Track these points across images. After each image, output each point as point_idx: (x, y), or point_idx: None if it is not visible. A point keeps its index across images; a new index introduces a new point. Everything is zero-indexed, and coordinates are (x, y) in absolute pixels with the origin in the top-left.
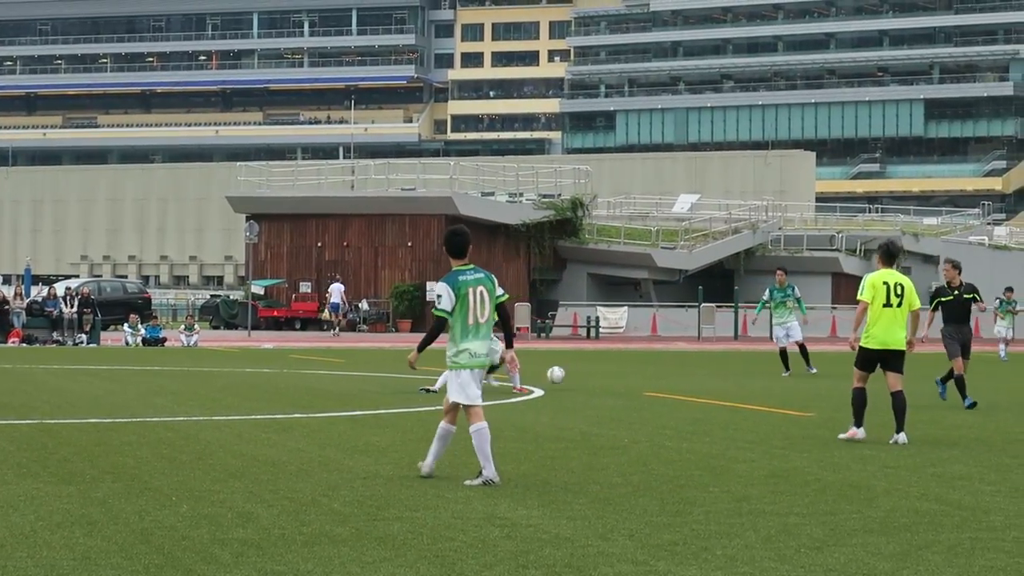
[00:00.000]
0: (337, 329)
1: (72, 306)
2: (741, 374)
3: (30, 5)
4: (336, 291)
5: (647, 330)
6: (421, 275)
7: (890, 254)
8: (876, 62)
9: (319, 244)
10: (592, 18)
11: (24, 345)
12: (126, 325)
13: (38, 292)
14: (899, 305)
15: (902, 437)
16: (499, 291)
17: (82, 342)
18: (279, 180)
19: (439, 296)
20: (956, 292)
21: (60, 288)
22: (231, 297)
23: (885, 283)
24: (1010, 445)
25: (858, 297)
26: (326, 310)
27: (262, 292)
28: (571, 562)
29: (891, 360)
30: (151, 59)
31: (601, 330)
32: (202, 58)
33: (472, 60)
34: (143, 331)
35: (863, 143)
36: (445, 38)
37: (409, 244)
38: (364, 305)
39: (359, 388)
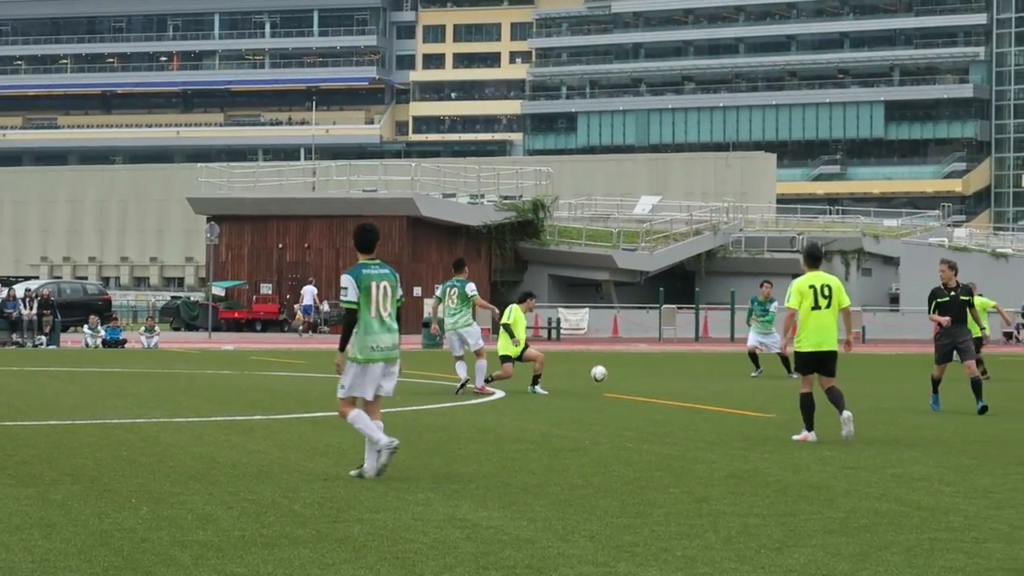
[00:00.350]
0: (303, 329)
1: (32, 308)
2: (702, 375)
3: None
4: (308, 293)
5: (608, 331)
6: None
7: (814, 256)
8: (837, 64)
9: (280, 246)
10: (553, 20)
11: None
12: (86, 327)
13: None
14: (828, 306)
15: (846, 413)
16: (400, 291)
17: (42, 344)
18: (240, 181)
19: (344, 288)
20: (952, 294)
21: (20, 290)
22: (192, 299)
23: (812, 286)
24: (970, 446)
25: (786, 304)
26: (297, 311)
27: (223, 294)
28: (532, 563)
29: (826, 362)
30: (112, 60)
31: (562, 331)
32: (163, 59)
33: (434, 61)
34: (103, 333)
35: (824, 145)
36: (407, 39)
37: None
38: (325, 307)
39: (320, 390)
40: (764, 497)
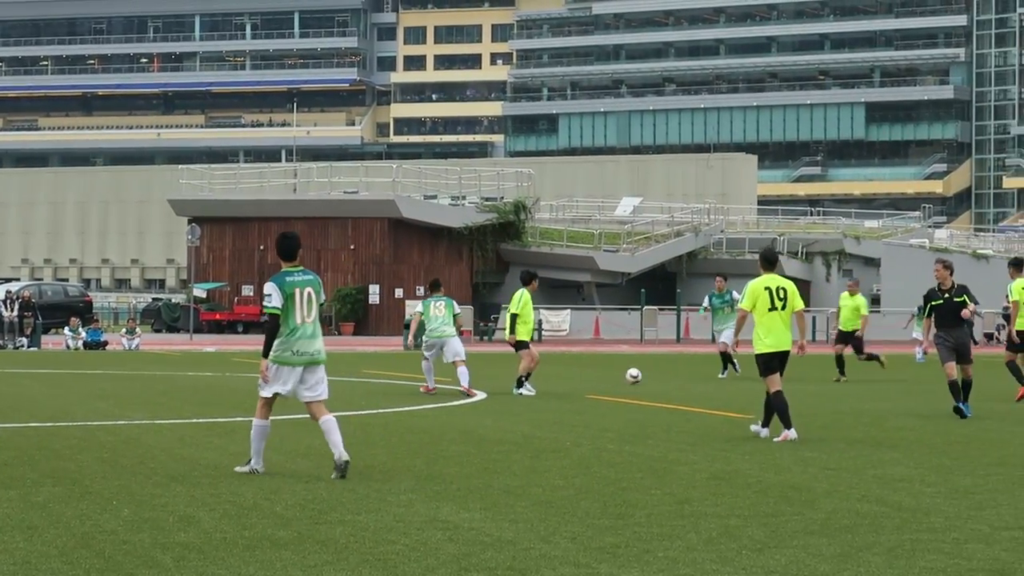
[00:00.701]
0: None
1: (12, 310)
2: (683, 377)
3: None
4: None
5: (590, 333)
6: (364, 278)
7: (769, 259)
8: (817, 65)
9: (261, 247)
10: (534, 21)
11: None
12: (67, 329)
13: None
14: (783, 308)
15: (764, 431)
16: (323, 296)
17: (22, 346)
18: (221, 183)
19: (268, 295)
20: (947, 295)
21: (0, 292)
22: (173, 300)
23: (767, 288)
24: (950, 447)
25: (740, 306)
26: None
27: (204, 295)
28: (513, 565)
29: (781, 362)
30: (92, 61)
31: (544, 333)
32: (144, 60)
33: (414, 63)
34: (84, 334)
35: (805, 146)
36: (387, 41)
37: (352, 247)
38: None
39: None
40: (745, 498)
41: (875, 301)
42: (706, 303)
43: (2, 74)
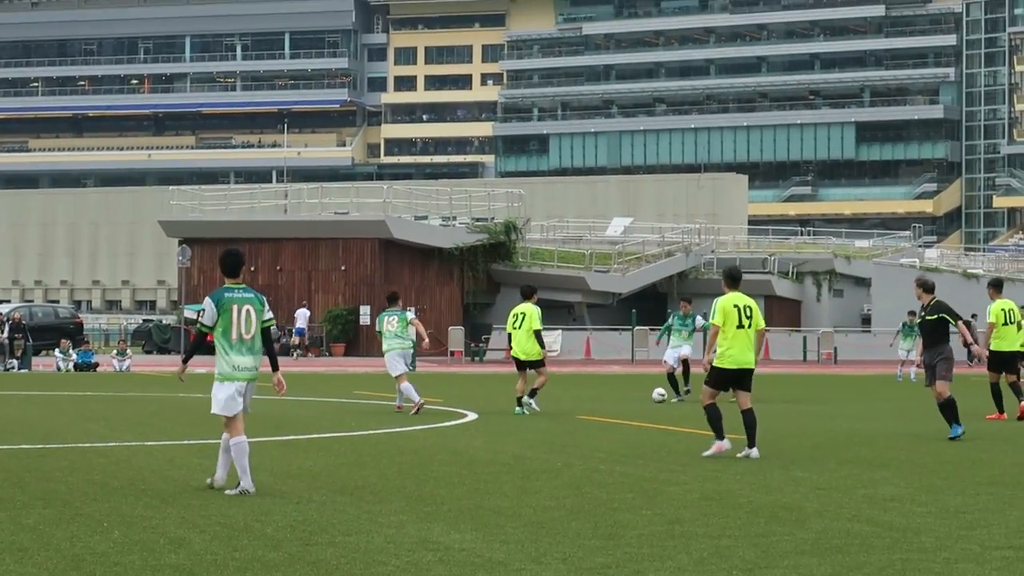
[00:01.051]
0: (299, 352)
1: (3, 331)
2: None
3: None
4: (302, 316)
5: (581, 353)
6: (355, 299)
7: (734, 277)
8: (808, 85)
9: (252, 268)
10: (525, 42)
11: None
12: (58, 350)
13: None
14: (749, 326)
15: (754, 452)
16: (267, 315)
17: (13, 367)
18: (212, 204)
19: (202, 310)
20: (923, 314)
21: None
22: (164, 322)
23: (736, 306)
24: (941, 466)
25: (711, 321)
26: (292, 334)
27: (195, 317)
28: None
29: (744, 379)
30: (83, 83)
31: None
32: (134, 82)
33: (405, 84)
34: (75, 356)
35: (795, 166)
36: (378, 62)
37: (343, 268)
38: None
39: (291, 413)
40: (736, 518)
41: (865, 321)
42: (669, 321)
43: None
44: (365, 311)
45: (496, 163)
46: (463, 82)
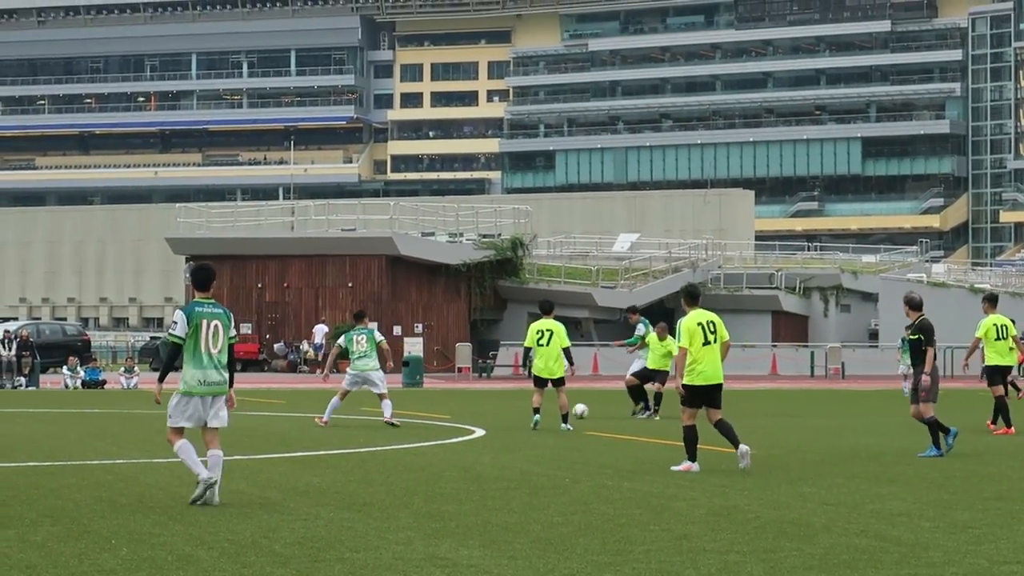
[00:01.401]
0: (322, 371)
1: (11, 349)
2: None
3: None
4: (320, 332)
5: (588, 369)
6: None
7: (693, 295)
8: (813, 101)
9: (259, 285)
10: (531, 58)
11: None
12: (65, 368)
13: None
14: (715, 341)
15: (744, 448)
16: (233, 331)
17: (21, 385)
18: (218, 221)
19: (174, 323)
20: (908, 333)
21: None
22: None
23: (700, 324)
24: (948, 481)
25: (679, 344)
26: (309, 350)
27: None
28: None
29: (715, 395)
30: (89, 100)
31: None
32: (140, 99)
33: (411, 100)
34: (82, 374)
35: (801, 181)
36: (384, 78)
37: (350, 285)
38: (305, 346)
39: (299, 429)
40: (744, 534)
41: (872, 336)
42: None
43: None
44: (373, 328)
45: (502, 179)
46: (469, 99)
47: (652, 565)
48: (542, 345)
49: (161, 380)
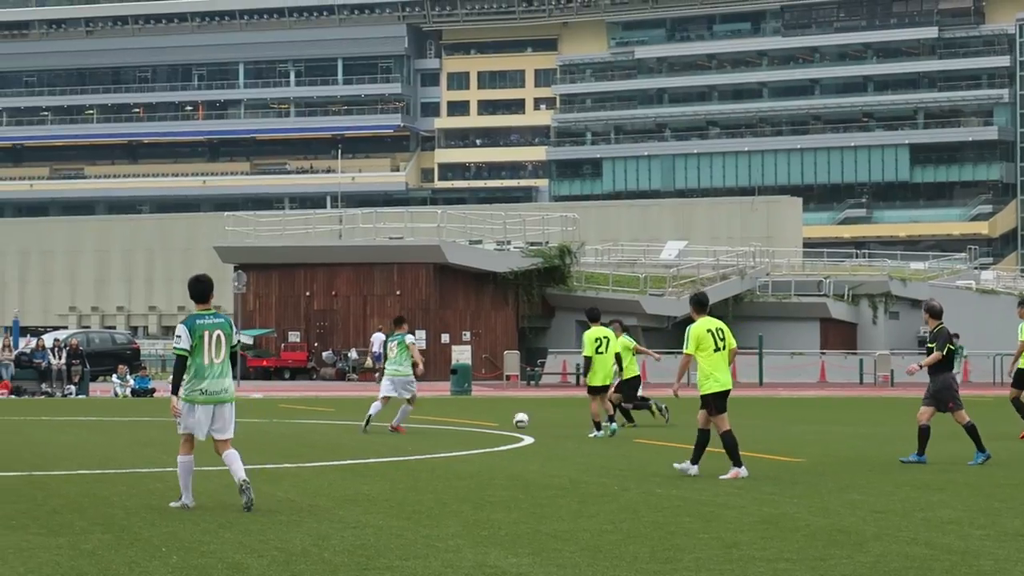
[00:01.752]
0: (378, 376)
1: (60, 357)
2: (730, 420)
3: (15, 57)
4: (378, 340)
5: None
6: (410, 324)
7: (701, 303)
8: (861, 107)
9: (307, 294)
10: (577, 66)
11: (13, 397)
12: (115, 376)
13: (26, 344)
14: (724, 347)
15: (743, 471)
16: (235, 338)
17: (71, 393)
18: (267, 230)
19: (178, 336)
20: (927, 341)
21: (48, 339)
22: None
23: (709, 331)
24: (998, 489)
25: (685, 350)
26: (368, 359)
27: (251, 342)
28: None
29: (725, 400)
30: (137, 110)
31: None
32: (188, 108)
33: (458, 108)
34: (132, 382)
35: (849, 188)
36: (431, 87)
37: (398, 293)
38: (353, 354)
39: (348, 437)
40: (794, 542)
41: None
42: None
43: (48, 123)
44: (420, 336)
45: (550, 187)
46: (516, 107)
47: (702, 573)
48: (600, 353)
49: (175, 392)
